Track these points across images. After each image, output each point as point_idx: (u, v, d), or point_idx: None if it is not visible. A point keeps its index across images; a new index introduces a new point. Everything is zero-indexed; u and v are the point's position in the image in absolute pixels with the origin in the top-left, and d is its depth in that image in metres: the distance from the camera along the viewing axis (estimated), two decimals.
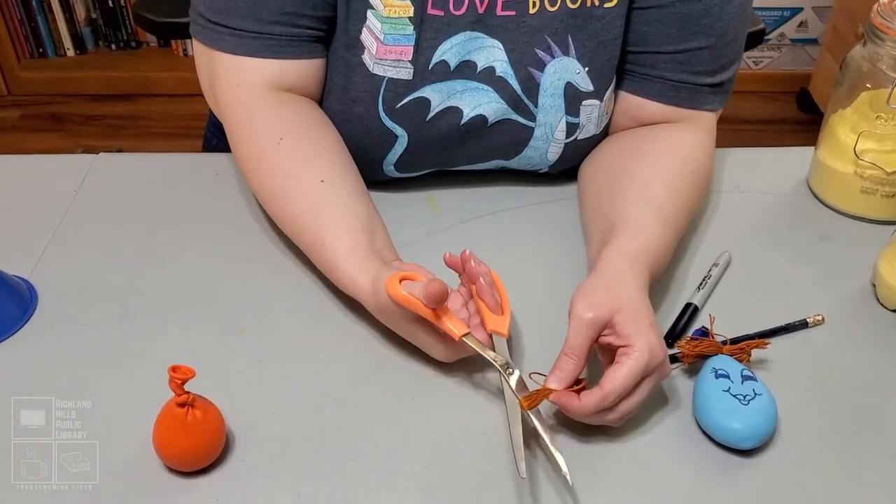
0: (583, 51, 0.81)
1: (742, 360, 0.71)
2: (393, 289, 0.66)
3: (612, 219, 0.76)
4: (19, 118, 2.62)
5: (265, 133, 0.79)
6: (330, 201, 0.76)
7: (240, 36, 0.78)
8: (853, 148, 0.87)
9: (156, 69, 2.70)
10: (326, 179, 0.76)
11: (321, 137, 0.80)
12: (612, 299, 0.66)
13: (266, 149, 0.79)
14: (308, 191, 0.76)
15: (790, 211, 0.92)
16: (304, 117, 0.81)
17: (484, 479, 0.64)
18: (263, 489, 0.63)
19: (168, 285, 0.80)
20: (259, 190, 0.81)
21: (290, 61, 0.80)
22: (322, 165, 0.78)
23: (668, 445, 0.67)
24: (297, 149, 0.78)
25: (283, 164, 0.78)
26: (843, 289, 0.82)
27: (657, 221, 0.75)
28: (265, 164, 0.79)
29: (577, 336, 0.65)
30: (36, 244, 0.84)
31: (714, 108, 0.87)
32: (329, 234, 0.74)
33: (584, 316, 0.65)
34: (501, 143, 0.86)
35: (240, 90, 0.80)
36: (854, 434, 0.68)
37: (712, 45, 0.82)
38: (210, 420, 0.63)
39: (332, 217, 0.75)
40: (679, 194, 0.79)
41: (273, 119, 0.79)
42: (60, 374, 0.71)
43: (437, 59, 0.80)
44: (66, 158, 0.99)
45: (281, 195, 0.78)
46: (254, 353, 0.74)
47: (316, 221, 0.75)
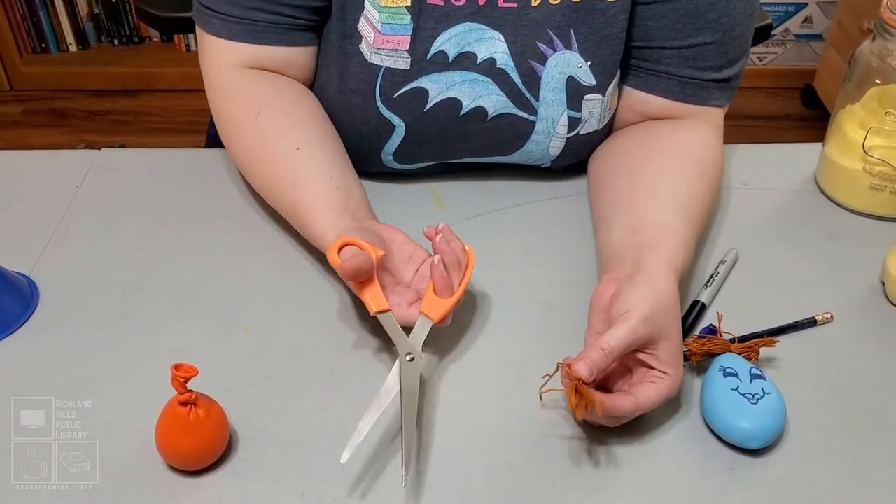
0: (585, 45, 0.80)
1: (750, 358, 0.70)
2: (331, 254, 0.67)
3: (641, 219, 0.75)
4: (21, 113, 2.61)
5: (244, 108, 0.81)
6: (306, 167, 0.78)
7: (224, 20, 0.81)
8: (862, 144, 0.86)
9: (158, 64, 2.69)
10: (302, 147, 0.78)
11: (298, 108, 0.82)
12: (666, 324, 0.65)
13: (245, 123, 0.81)
14: (285, 158, 0.78)
15: (798, 208, 0.92)
16: (283, 91, 0.83)
17: (492, 480, 0.63)
18: (267, 489, 0.62)
19: (171, 282, 0.80)
20: (241, 163, 0.84)
21: (266, 47, 0.82)
22: (297, 135, 0.80)
23: (676, 444, 0.66)
24: (273, 121, 0.80)
25: (260, 136, 0.80)
26: (852, 286, 0.81)
27: (690, 232, 0.75)
28: (245, 138, 0.82)
29: (622, 341, 0.63)
30: (37, 240, 0.84)
31: (721, 103, 0.86)
32: (305, 196, 0.76)
33: (639, 330, 0.64)
34: (502, 137, 0.86)
35: (220, 71, 0.83)
36: (863, 433, 0.67)
37: (719, 41, 0.81)
38: (213, 419, 0.62)
39: (307, 180, 0.77)
40: (701, 203, 0.79)
41: (251, 95, 0.82)
42: (62, 371, 0.71)
43: (436, 49, 0.79)
44: (68, 154, 0.98)
45: (259, 165, 0.81)
46: (257, 352, 0.73)
47: (293, 186, 0.77)
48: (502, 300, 0.78)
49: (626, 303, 0.65)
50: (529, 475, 0.64)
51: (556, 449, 0.66)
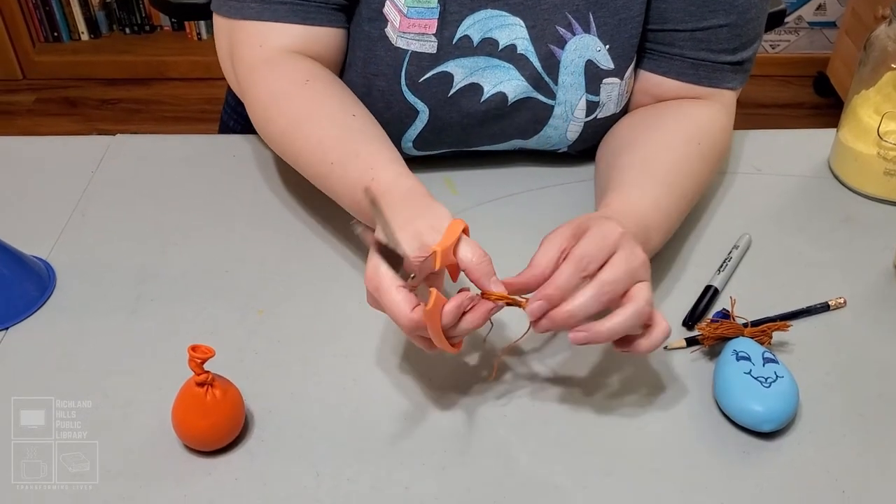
0: (604, 28, 0.80)
1: (763, 342, 0.70)
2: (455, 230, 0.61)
3: (604, 188, 0.76)
4: (34, 102, 2.62)
5: (291, 76, 0.77)
6: (365, 129, 0.74)
7: (265, 2, 0.78)
8: (876, 129, 0.86)
9: (170, 53, 2.70)
10: (358, 115, 0.75)
11: (344, 86, 0.80)
12: (583, 221, 0.63)
13: (291, 89, 0.77)
14: (341, 118, 0.74)
15: (811, 193, 0.92)
16: (327, 72, 0.80)
17: (504, 459, 0.64)
18: (282, 469, 0.63)
19: (186, 266, 0.80)
20: (280, 128, 0.77)
21: (315, 28, 0.79)
22: (352, 104, 0.77)
23: (689, 428, 0.67)
24: (325, 89, 0.77)
25: (311, 98, 0.76)
26: (865, 272, 0.81)
27: (649, 183, 0.74)
28: (291, 101, 0.76)
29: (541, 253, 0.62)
30: (54, 225, 0.85)
31: (734, 86, 0.86)
32: (365, 146, 0.71)
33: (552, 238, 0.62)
34: (521, 121, 0.86)
35: (262, 50, 0.79)
36: (875, 417, 0.68)
37: (733, 23, 0.81)
38: (229, 400, 0.63)
39: (368, 139, 0.72)
40: (682, 161, 0.78)
41: (298, 66, 0.78)
42: (80, 354, 0.72)
43: (461, 34, 0.80)
44: (83, 140, 0.98)
45: (308, 124, 0.75)
46: (272, 335, 0.73)
47: (350, 139, 0.72)
48: None
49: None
50: (539, 458, 0.64)
51: (567, 432, 0.66)
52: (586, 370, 0.71)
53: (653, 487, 0.62)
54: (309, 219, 0.84)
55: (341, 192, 0.73)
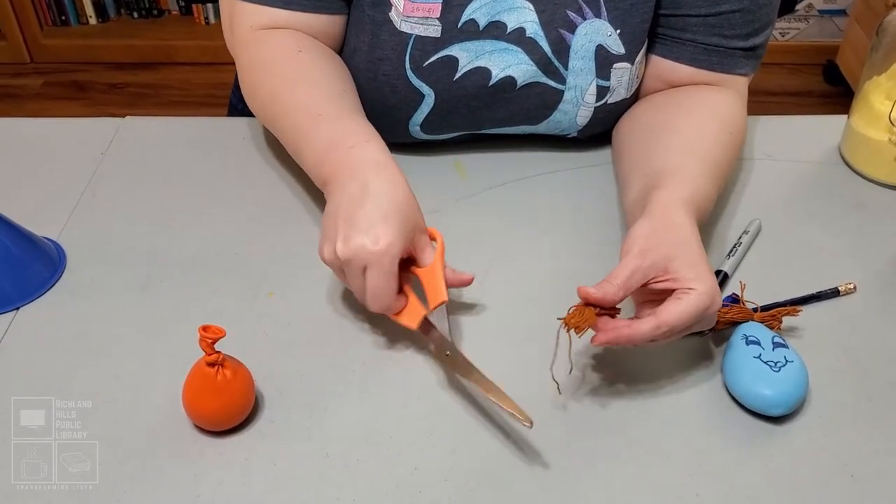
0: (615, 13, 0.80)
1: (773, 327, 0.70)
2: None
3: (656, 167, 0.75)
4: (42, 86, 2.63)
5: (283, 47, 0.80)
6: (353, 102, 0.78)
7: None
8: (888, 115, 0.86)
9: (178, 37, 2.70)
10: (347, 91, 0.79)
11: (339, 63, 0.83)
12: (669, 246, 0.64)
13: (282, 59, 0.79)
14: (335, 81, 0.78)
15: (822, 179, 0.91)
16: (322, 46, 0.83)
17: (514, 442, 0.64)
18: (292, 450, 0.63)
19: (196, 248, 0.80)
20: (272, 91, 0.79)
21: (301, 14, 0.81)
22: (344, 78, 0.81)
23: (698, 412, 0.67)
24: (318, 58, 0.80)
25: (304, 65, 0.79)
26: (876, 258, 0.81)
27: (704, 172, 0.74)
28: (283, 68, 0.79)
29: (624, 270, 0.63)
30: (64, 206, 0.85)
31: (746, 72, 0.85)
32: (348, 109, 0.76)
33: (638, 261, 0.63)
34: (530, 106, 0.85)
35: (252, 30, 0.82)
36: (885, 402, 0.68)
37: (745, 8, 0.80)
38: (239, 380, 0.63)
39: (353, 111, 0.76)
40: (720, 150, 0.78)
41: (290, 38, 0.81)
42: (90, 334, 0.72)
43: (467, 17, 0.79)
44: (93, 122, 0.98)
45: (304, 85, 0.78)
46: (282, 317, 0.74)
47: (347, 95, 0.78)
48: (524, 268, 0.78)
49: (626, 240, 0.66)
50: (549, 440, 0.64)
51: (576, 415, 0.66)
52: (595, 354, 0.71)
53: (661, 471, 0.62)
54: (318, 200, 0.84)
55: (306, 154, 0.75)
